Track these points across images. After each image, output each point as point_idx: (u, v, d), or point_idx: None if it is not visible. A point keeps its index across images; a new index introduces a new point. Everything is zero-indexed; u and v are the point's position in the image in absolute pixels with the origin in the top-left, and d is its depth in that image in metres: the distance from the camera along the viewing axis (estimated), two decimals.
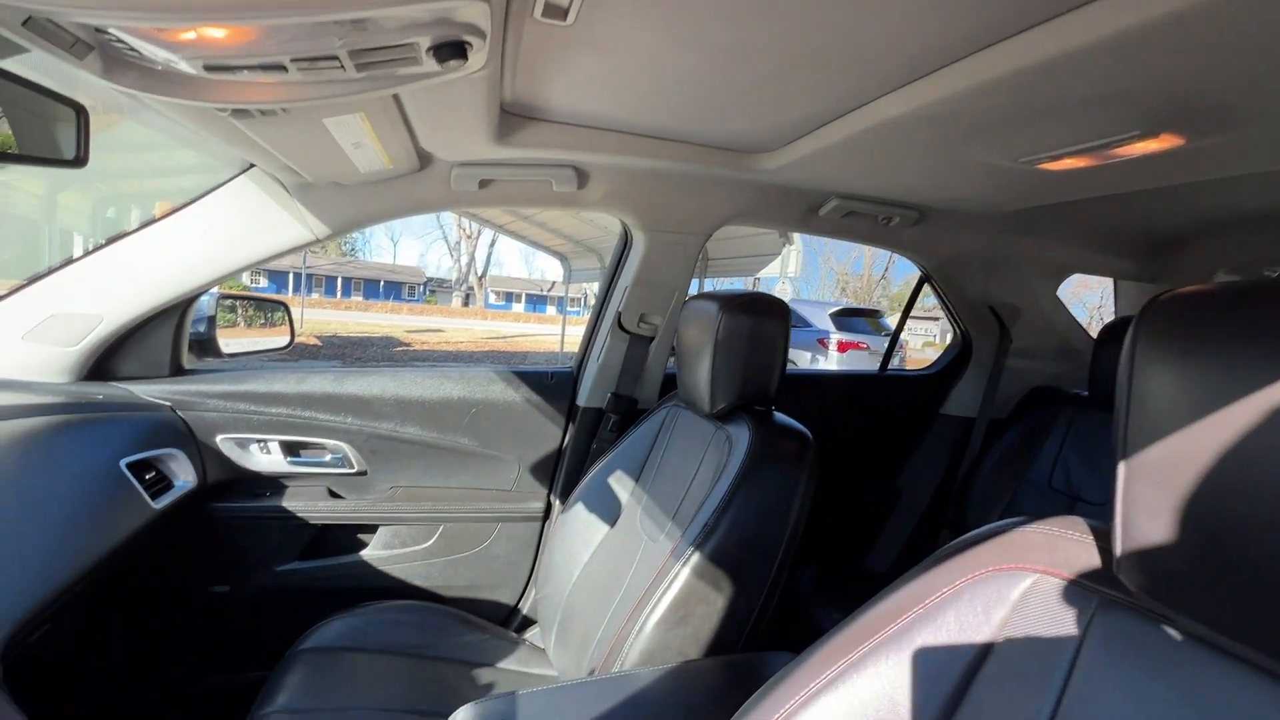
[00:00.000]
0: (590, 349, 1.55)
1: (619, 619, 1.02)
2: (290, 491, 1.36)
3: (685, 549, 0.90)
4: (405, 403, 1.41)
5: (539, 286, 43.48)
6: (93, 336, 1.13)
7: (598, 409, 1.50)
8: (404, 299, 32.85)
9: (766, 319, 1.07)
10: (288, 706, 0.99)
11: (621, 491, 1.27)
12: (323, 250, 34.16)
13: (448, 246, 34.37)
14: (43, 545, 0.86)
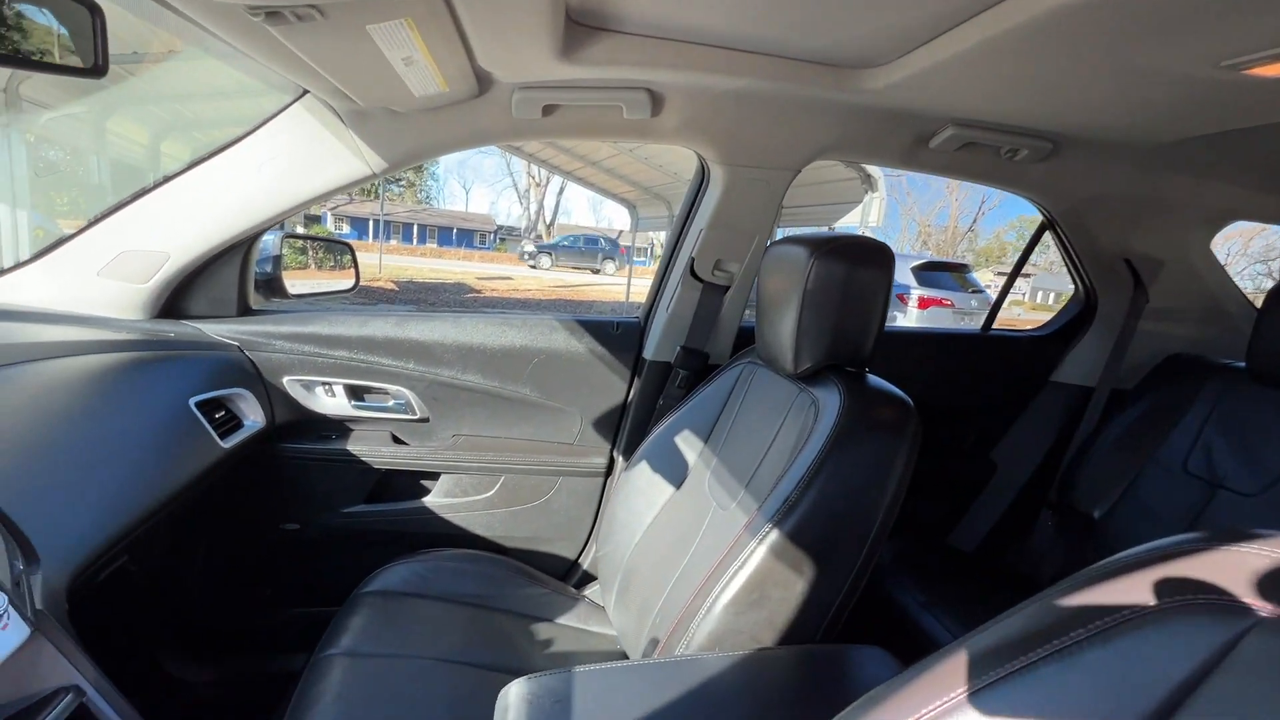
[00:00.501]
0: (659, 299, 1.44)
1: (684, 590, 0.95)
2: (355, 435, 1.36)
3: (762, 525, 0.80)
4: (466, 350, 1.35)
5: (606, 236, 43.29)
6: (161, 274, 1.13)
7: (665, 363, 1.40)
8: (475, 246, 33.58)
9: (866, 266, 0.92)
10: (350, 649, 0.99)
11: (689, 452, 1.18)
12: (400, 198, 35.22)
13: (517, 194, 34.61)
14: (114, 482, 0.86)
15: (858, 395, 0.88)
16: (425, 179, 38.11)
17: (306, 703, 0.89)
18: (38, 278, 1.10)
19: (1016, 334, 1.79)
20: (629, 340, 1.43)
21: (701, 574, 0.91)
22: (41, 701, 0.61)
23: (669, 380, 1.39)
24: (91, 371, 0.95)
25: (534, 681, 0.68)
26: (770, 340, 1.02)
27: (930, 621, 1.24)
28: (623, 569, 1.20)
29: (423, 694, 0.94)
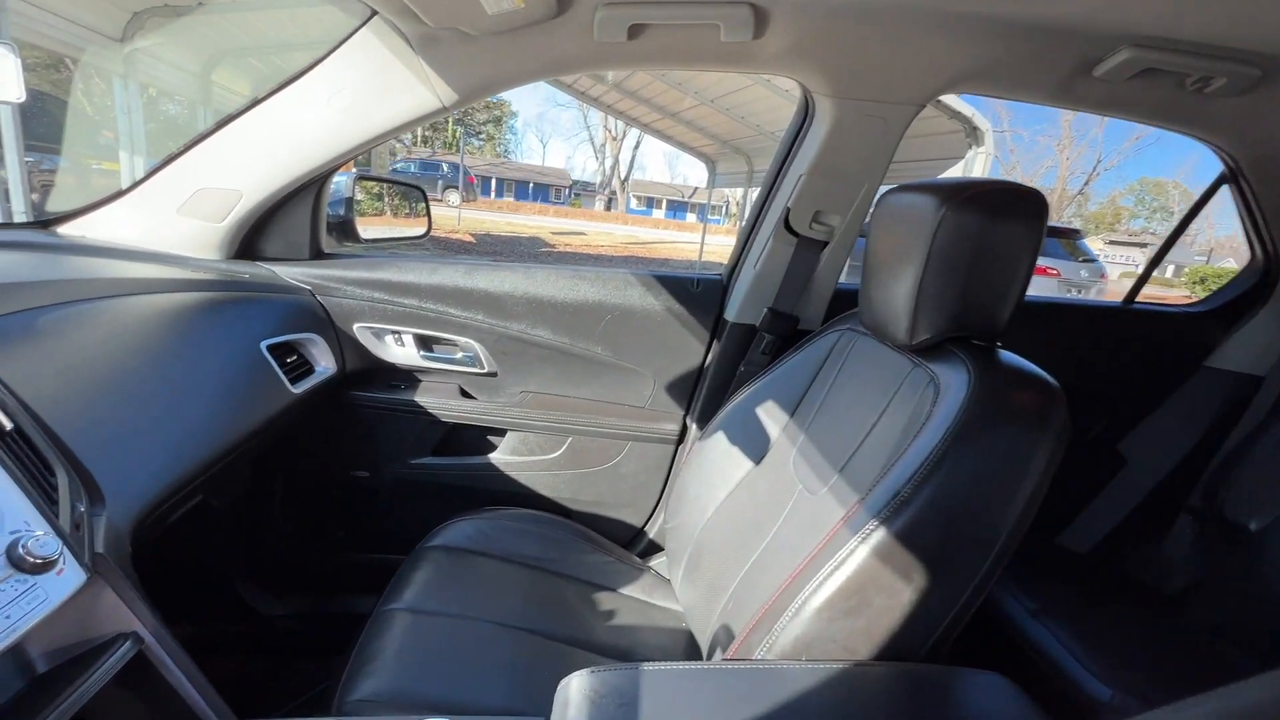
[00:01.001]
0: (746, 254, 1.30)
1: (763, 579, 0.85)
2: (424, 387, 1.33)
3: (866, 521, 0.68)
4: (537, 303, 1.28)
5: (680, 192, 42.54)
6: (236, 212, 1.10)
7: (749, 326, 1.28)
8: (550, 201, 33.85)
9: (1012, 219, 0.75)
10: (412, 605, 0.97)
11: (771, 426, 1.07)
12: (479, 151, 35.79)
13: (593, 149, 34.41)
14: (184, 423, 0.85)
15: (990, 374, 0.73)
16: (504, 132, 38.49)
17: (367, 655, 0.87)
18: (123, 215, 1.10)
19: (1167, 309, 1.53)
20: (709, 299, 1.32)
21: (785, 564, 0.82)
22: (100, 648, 0.59)
23: (752, 345, 1.27)
24: (168, 309, 0.94)
25: (597, 676, 0.62)
26: (879, 305, 0.88)
27: (1040, 632, 1.09)
28: (692, 544, 1.12)
29: (482, 658, 0.91)
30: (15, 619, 0.49)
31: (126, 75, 5.21)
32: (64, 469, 0.64)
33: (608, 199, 33.91)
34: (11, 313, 0.73)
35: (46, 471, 0.61)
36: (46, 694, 0.55)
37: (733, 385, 1.28)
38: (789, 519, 0.91)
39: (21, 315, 0.73)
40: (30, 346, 0.71)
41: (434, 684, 0.84)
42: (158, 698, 0.62)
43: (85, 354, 0.77)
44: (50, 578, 0.53)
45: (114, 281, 0.90)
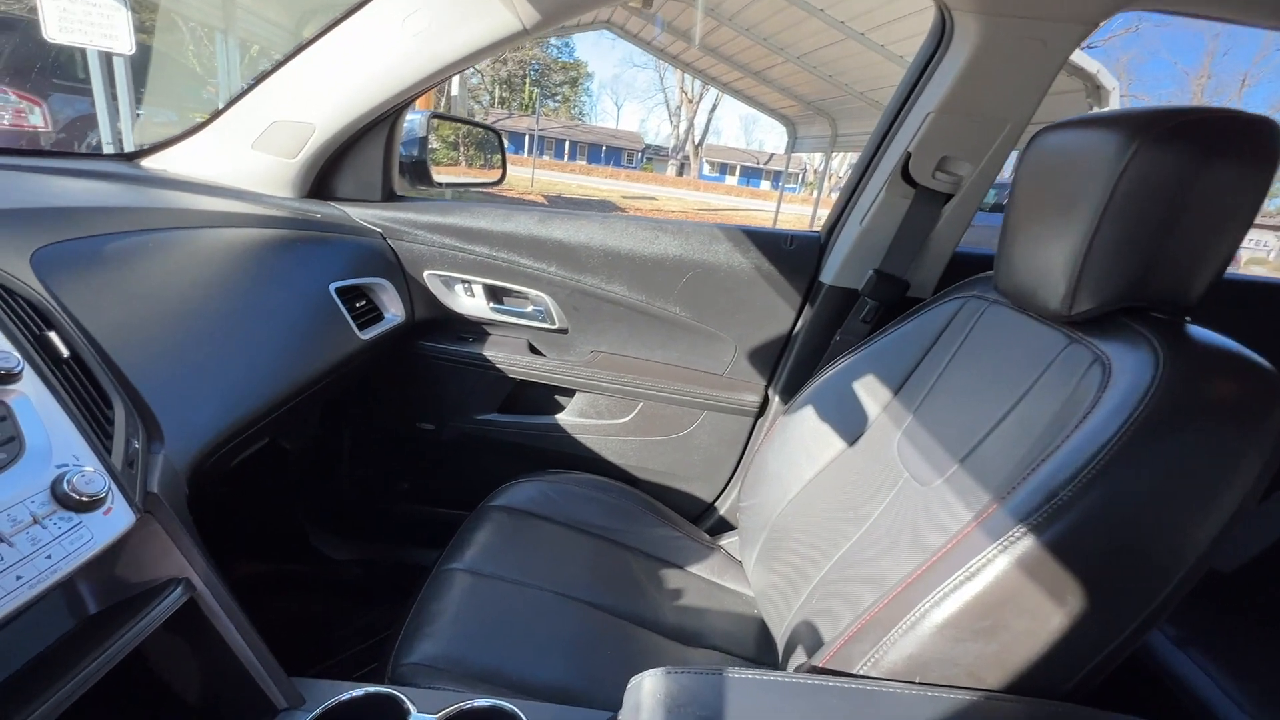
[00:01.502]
0: (848, 210, 1.15)
1: (859, 577, 0.75)
2: (492, 340, 1.27)
3: (1008, 525, 0.56)
4: (614, 255, 1.19)
5: (755, 158, 41.23)
6: (309, 147, 1.06)
7: (850, 290, 1.14)
8: (622, 165, 33.58)
9: (1232, 158, 0.59)
10: (472, 567, 0.92)
11: (870, 403, 0.94)
12: (554, 113, 35.80)
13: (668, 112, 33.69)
14: (250, 363, 0.82)
15: (1184, 355, 0.58)
16: (579, 95, 38.27)
17: (425, 616, 0.83)
18: (203, 149, 1.08)
19: None
20: (804, 259, 1.18)
21: (890, 564, 0.71)
22: (151, 591, 0.56)
23: (851, 312, 1.13)
24: (237, 245, 0.91)
25: (674, 679, 0.53)
26: (1025, 267, 0.73)
27: (1184, 663, 0.93)
28: (770, 526, 1.02)
29: (541, 631, 0.85)
30: (57, 559, 0.46)
31: (227, 30, 5.42)
32: (122, 402, 0.60)
33: (680, 164, 33.28)
34: (79, 238, 0.70)
35: (103, 403, 0.58)
36: (96, 635, 0.52)
37: (825, 356, 1.15)
38: (891, 511, 0.79)
39: (89, 241, 0.71)
40: (96, 273, 0.69)
41: (490, 653, 0.79)
42: (207, 646, 0.59)
43: (152, 285, 0.74)
44: (97, 517, 0.49)
45: (185, 213, 0.87)
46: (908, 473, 0.81)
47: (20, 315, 0.55)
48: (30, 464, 0.47)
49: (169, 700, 0.62)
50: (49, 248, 0.65)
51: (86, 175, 0.89)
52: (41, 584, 0.44)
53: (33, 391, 0.50)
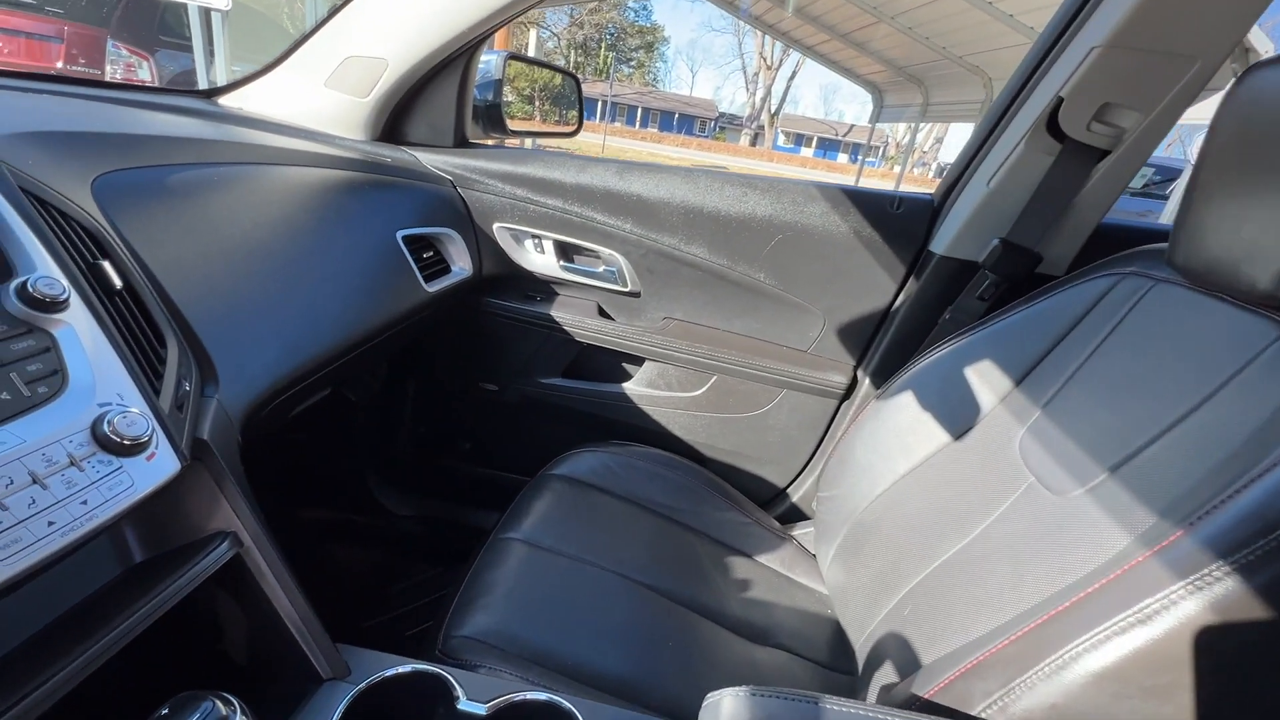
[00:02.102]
0: (971, 169, 1.00)
1: (969, 592, 0.64)
2: (560, 300, 1.21)
3: (1203, 560, 0.44)
4: (695, 213, 1.08)
5: (833, 129, 39.45)
6: (381, 85, 1.01)
7: (966, 262, 0.99)
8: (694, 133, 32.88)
9: None
10: (529, 538, 0.87)
11: (985, 392, 0.82)
12: (629, 79, 35.27)
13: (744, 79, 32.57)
14: (313, 308, 0.78)
15: None
16: (654, 60, 37.48)
17: (481, 586, 0.78)
18: (278, 86, 1.05)
19: None
20: (912, 225, 1.04)
21: (1011, 583, 0.60)
22: (197, 544, 0.52)
23: (966, 287, 0.99)
24: (304, 184, 0.87)
25: (758, 702, 0.45)
26: (1223, 237, 0.58)
27: None
28: (852, 521, 0.92)
29: (599, 613, 0.79)
30: (93, 505, 0.41)
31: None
32: (176, 340, 0.57)
33: (754, 134, 32.21)
34: (143, 166, 0.66)
35: (155, 341, 0.54)
36: (141, 585, 0.48)
37: (930, 336, 1.02)
38: (1011, 520, 0.68)
39: (154, 170, 0.67)
40: (159, 205, 0.65)
41: (545, 634, 0.73)
42: (252, 606, 0.56)
43: (215, 220, 0.70)
44: (139, 462, 0.45)
45: (254, 148, 0.84)
46: (1033, 477, 0.69)
47: (74, 241, 0.51)
48: (71, 400, 0.43)
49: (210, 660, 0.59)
50: (112, 174, 0.62)
51: (161, 109, 0.86)
52: (75, 531, 0.40)
53: (80, 323, 0.46)
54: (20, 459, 0.39)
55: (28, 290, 0.44)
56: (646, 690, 0.72)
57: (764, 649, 0.87)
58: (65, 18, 4.52)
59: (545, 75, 1.37)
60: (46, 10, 4.48)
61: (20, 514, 0.38)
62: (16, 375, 0.42)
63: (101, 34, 4.63)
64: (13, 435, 0.39)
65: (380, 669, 0.58)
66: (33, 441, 0.40)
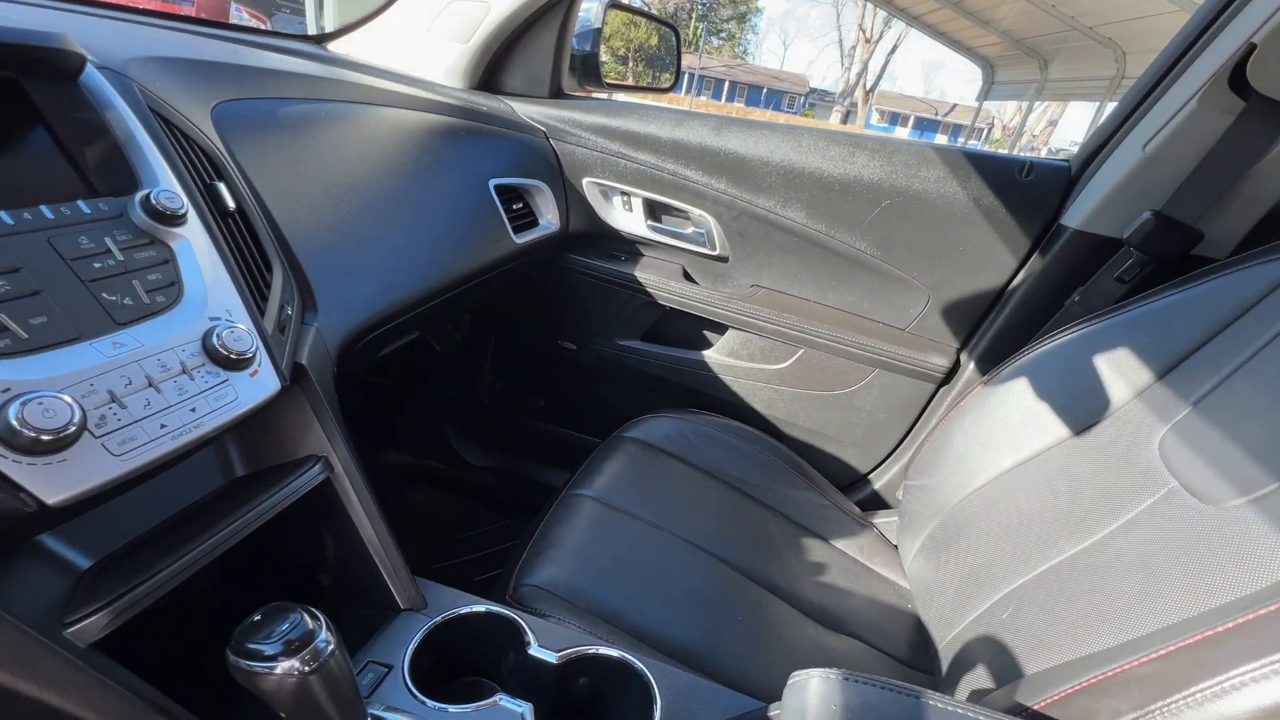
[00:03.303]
0: (1125, 129, 0.87)
1: (1089, 602, 0.58)
2: (644, 262, 1.18)
3: None
4: (796, 175, 1.02)
5: (933, 108, 37.06)
6: (483, 30, 0.99)
7: (1106, 238, 0.88)
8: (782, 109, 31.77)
9: None
10: (602, 497, 0.86)
11: (1119, 385, 0.72)
12: (718, 51, 34.36)
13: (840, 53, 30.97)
14: (408, 248, 0.79)
15: None
16: (745, 31, 36.27)
17: (552, 539, 0.78)
18: (384, 32, 1.06)
19: None
20: (1043, 194, 0.93)
21: (1142, 596, 0.53)
22: (290, 465, 0.54)
23: (1104, 267, 0.88)
24: (403, 126, 0.87)
25: (850, 687, 0.41)
26: None
27: None
28: (944, 514, 0.86)
29: (667, 579, 0.77)
30: (201, 414, 0.42)
31: None
32: (281, 266, 0.58)
33: (846, 111, 30.70)
34: (259, 98, 0.68)
35: (262, 264, 0.55)
36: (240, 497, 0.50)
37: (1054, 320, 0.92)
38: (1144, 527, 0.60)
39: (268, 102, 0.68)
40: (270, 135, 0.66)
41: (612, 593, 0.72)
42: (338, 531, 0.57)
43: (321, 155, 0.72)
44: (243, 377, 0.46)
45: (359, 88, 0.84)
46: (1176, 481, 0.60)
47: (194, 161, 0.52)
48: (185, 312, 0.44)
49: (294, 580, 0.61)
50: (230, 103, 0.64)
51: (275, 49, 0.88)
52: (185, 436, 0.41)
53: (196, 238, 0.47)
54: (139, 361, 0.40)
55: (151, 202, 0.45)
56: (713, 663, 0.69)
57: (838, 636, 0.82)
58: None
59: (641, 35, 1.33)
60: None
61: (136, 414, 0.39)
62: (139, 282, 0.43)
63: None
64: (133, 339, 0.40)
65: (454, 606, 0.58)
66: (150, 346, 0.41)
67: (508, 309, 1.26)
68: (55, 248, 0.40)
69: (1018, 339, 0.94)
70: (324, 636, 0.38)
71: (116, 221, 0.44)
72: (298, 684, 0.37)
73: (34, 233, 0.40)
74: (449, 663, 0.57)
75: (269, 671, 0.36)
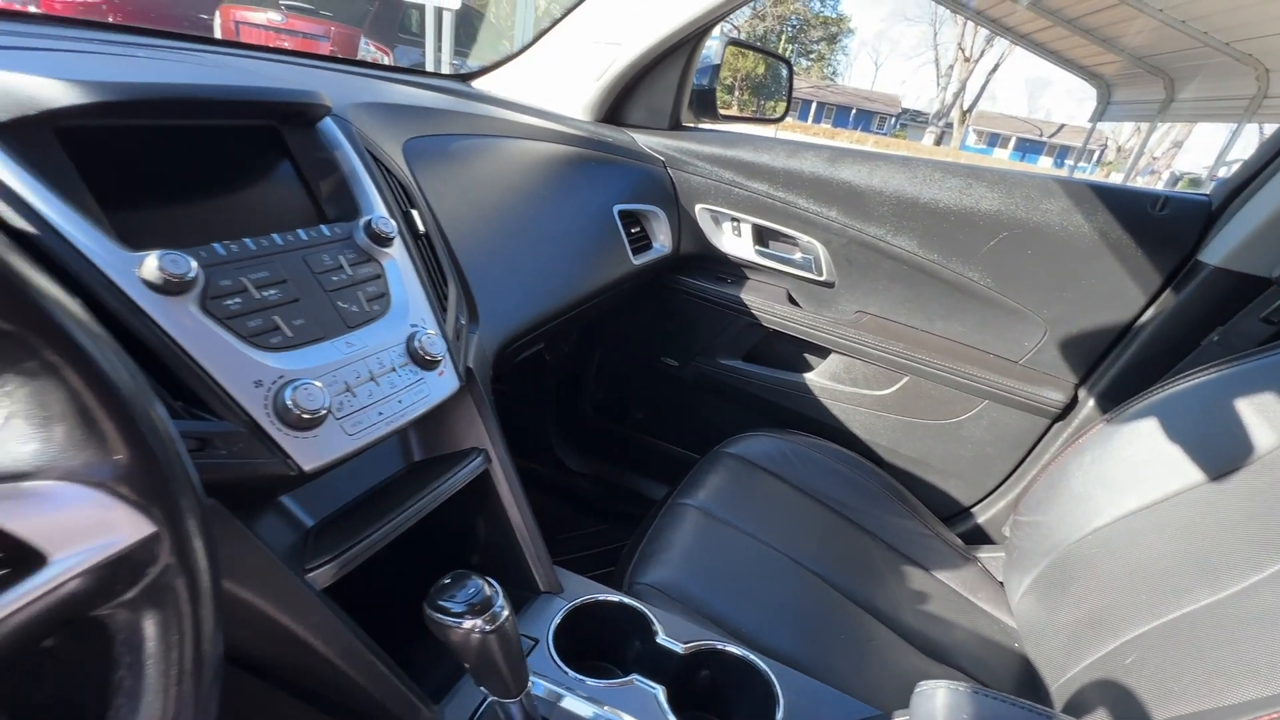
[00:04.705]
0: (1278, 163, 0.84)
1: (1239, 662, 0.56)
2: (750, 284, 1.22)
3: None
4: (908, 205, 1.03)
5: (1037, 128, 34.98)
6: (612, 69, 1.08)
7: (1252, 277, 0.84)
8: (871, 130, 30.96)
9: None
10: (705, 507, 0.90)
11: (1264, 430, 0.69)
12: (805, 73, 34.05)
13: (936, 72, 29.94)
14: (547, 267, 0.87)
15: None
16: (835, 52, 35.78)
17: (660, 543, 0.83)
18: (520, 72, 1.17)
19: None
20: (1178, 229, 0.90)
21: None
22: (457, 455, 0.61)
23: (1249, 306, 0.84)
24: (543, 158, 0.96)
25: (978, 700, 0.43)
26: None
27: None
28: (1059, 553, 0.84)
29: (770, 591, 0.80)
30: (406, 405, 0.51)
31: None
32: (455, 282, 0.67)
33: (940, 132, 29.54)
34: (436, 134, 0.78)
35: (441, 280, 0.64)
36: (417, 481, 0.58)
37: (1189, 359, 0.88)
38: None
39: (441, 138, 0.79)
40: (443, 166, 0.76)
41: (719, 599, 0.76)
42: (491, 517, 0.64)
43: (479, 183, 0.81)
44: (433, 376, 0.54)
45: (507, 123, 0.94)
46: None
47: (395, 191, 0.62)
48: (393, 319, 0.53)
49: (448, 555, 0.69)
50: (416, 139, 0.74)
51: (434, 89, 1.00)
52: (393, 423, 0.50)
53: (400, 257, 0.57)
54: (364, 359, 0.49)
55: (372, 227, 0.54)
56: (817, 675, 0.71)
57: (940, 666, 0.82)
58: (334, 19, 5.39)
59: (748, 64, 1.38)
60: (321, 14, 5.37)
61: (362, 402, 0.47)
62: (361, 293, 0.52)
63: (356, 33, 5.46)
64: (359, 340, 0.49)
65: (585, 593, 0.64)
66: (371, 347, 0.50)
67: (614, 324, 1.33)
68: (308, 264, 0.50)
69: (1145, 377, 0.91)
70: (500, 603, 0.44)
71: (346, 243, 0.53)
72: (480, 640, 0.43)
73: (293, 251, 0.49)
74: (577, 645, 0.63)
75: (457, 625, 0.42)
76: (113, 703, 0.23)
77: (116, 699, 0.23)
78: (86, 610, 0.22)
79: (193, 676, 0.24)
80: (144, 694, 0.23)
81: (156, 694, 0.23)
